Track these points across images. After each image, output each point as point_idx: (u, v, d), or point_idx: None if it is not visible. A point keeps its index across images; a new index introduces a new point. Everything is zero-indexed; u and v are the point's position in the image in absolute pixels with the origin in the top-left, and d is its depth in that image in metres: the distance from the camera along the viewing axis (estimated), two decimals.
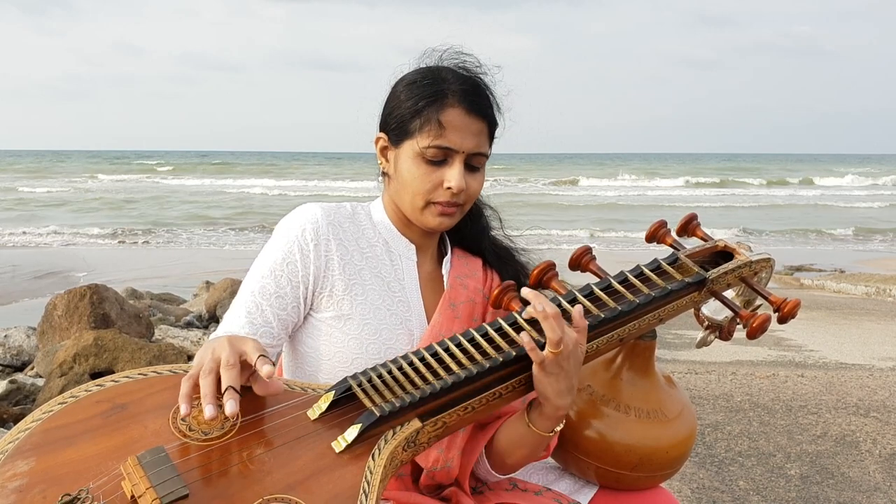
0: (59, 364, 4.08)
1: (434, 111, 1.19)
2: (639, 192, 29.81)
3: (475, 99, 1.22)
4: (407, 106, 1.22)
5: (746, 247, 1.25)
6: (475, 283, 1.33)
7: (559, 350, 1.04)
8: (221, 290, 6.76)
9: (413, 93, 1.22)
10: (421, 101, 1.20)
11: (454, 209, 1.24)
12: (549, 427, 1.16)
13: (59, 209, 21.28)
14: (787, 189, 31.97)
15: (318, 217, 1.24)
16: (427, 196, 1.22)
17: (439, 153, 1.20)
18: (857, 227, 17.78)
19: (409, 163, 1.21)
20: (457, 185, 1.20)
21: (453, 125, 1.19)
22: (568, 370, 1.07)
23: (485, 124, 1.23)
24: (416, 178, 1.21)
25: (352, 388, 1.05)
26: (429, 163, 1.20)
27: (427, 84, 1.22)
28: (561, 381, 1.07)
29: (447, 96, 1.20)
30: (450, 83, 1.21)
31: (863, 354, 5.44)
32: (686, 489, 2.95)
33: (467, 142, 1.20)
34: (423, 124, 1.19)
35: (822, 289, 9.24)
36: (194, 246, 14.37)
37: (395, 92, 1.26)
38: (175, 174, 40.55)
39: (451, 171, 1.20)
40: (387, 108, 1.27)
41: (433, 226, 1.25)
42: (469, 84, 1.23)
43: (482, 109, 1.22)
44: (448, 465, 1.23)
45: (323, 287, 1.23)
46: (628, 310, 1.13)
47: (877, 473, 3.15)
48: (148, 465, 0.88)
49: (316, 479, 0.93)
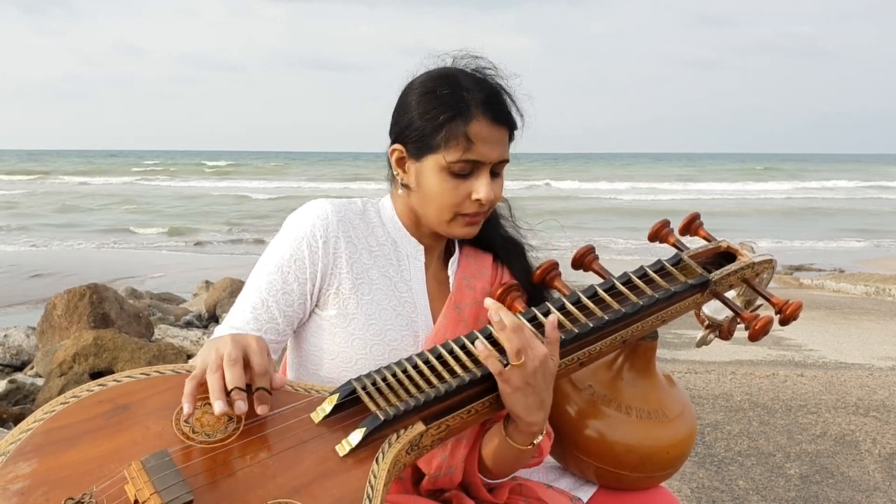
0: (59, 364, 4.08)
1: (460, 125, 1.16)
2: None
3: (498, 107, 1.20)
4: (428, 118, 1.18)
5: (749, 247, 1.25)
6: (483, 283, 1.32)
7: (520, 362, 1.01)
8: (221, 289, 6.76)
9: (433, 104, 1.18)
10: (443, 115, 1.17)
11: (480, 217, 1.24)
12: (525, 441, 1.13)
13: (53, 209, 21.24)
14: (787, 188, 31.97)
15: (328, 213, 1.23)
16: (455, 209, 1.20)
17: (467, 167, 1.18)
18: (857, 227, 17.79)
19: (436, 177, 1.19)
20: (486, 198, 1.19)
21: (481, 138, 1.17)
22: (536, 385, 1.03)
23: (507, 131, 1.22)
24: (445, 192, 1.19)
25: (356, 391, 1.04)
26: (456, 176, 1.18)
27: (447, 94, 1.18)
28: (529, 397, 1.04)
29: (471, 108, 1.17)
30: (471, 92, 1.18)
31: (862, 354, 5.44)
32: (686, 489, 2.95)
33: (494, 152, 1.19)
34: (450, 139, 1.16)
35: (822, 288, 9.25)
36: (194, 246, 14.36)
37: (409, 101, 1.22)
38: (172, 175, 40.48)
39: (478, 183, 1.18)
40: (402, 119, 1.23)
41: (462, 235, 1.25)
42: (490, 92, 1.20)
43: (505, 118, 1.20)
44: (451, 471, 1.22)
45: (330, 284, 1.22)
46: (632, 312, 1.13)
47: (876, 473, 3.15)
48: (152, 470, 0.88)
49: (320, 483, 0.93)
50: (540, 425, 1.09)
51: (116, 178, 37.53)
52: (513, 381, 1.02)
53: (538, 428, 1.10)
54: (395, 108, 1.25)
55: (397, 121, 1.24)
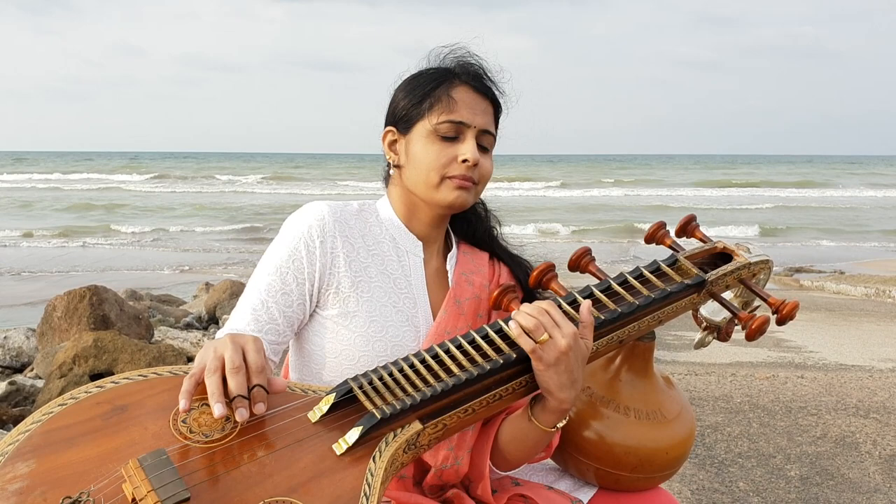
0: (59, 365, 4.08)
1: (444, 90, 1.24)
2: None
3: (481, 80, 1.28)
4: (414, 94, 1.26)
5: (745, 248, 1.25)
6: (481, 278, 1.34)
7: (545, 338, 1.05)
8: (221, 291, 6.76)
9: (419, 82, 1.27)
10: (429, 86, 1.25)
11: (470, 183, 1.25)
12: (551, 422, 1.16)
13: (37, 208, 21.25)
14: (788, 189, 31.98)
15: (324, 214, 1.25)
16: (442, 171, 1.23)
17: (452, 128, 1.23)
18: (858, 228, 17.79)
19: (423, 142, 1.24)
20: (472, 157, 1.22)
21: (464, 101, 1.24)
22: (568, 363, 1.07)
23: (491, 105, 1.28)
24: (431, 154, 1.23)
25: (352, 391, 1.05)
26: (442, 139, 1.23)
27: (433, 72, 1.27)
28: (562, 375, 1.07)
29: (454, 77, 1.26)
30: (454, 69, 1.28)
31: (862, 356, 5.44)
32: (686, 490, 2.95)
33: (478, 118, 1.25)
34: (434, 103, 1.24)
35: (822, 290, 9.25)
36: (194, 247, 14.37)
37: (398, 90, 1.30)
38: (177, 176, 40.52)
39: (464, 145, 1.24)
40: (392, 104, 1.31)
41: (451, 200, 1.25)
42: (473, 68, 1.29)
43: (488, 90, 1.28)
44: (458, 463, 1.24)
45: (329, 284, 1.23)
46: (628, 312, 1.14)
47: (876, 475, 3.15)
48: (149, 468, 0.88)
49: (317, 482, 0.93)
50: (570, 403, 1.12)
51: (118, 175, 37.62)
52: (545, 357, 1.05)
53: (568, 405, 1.12)
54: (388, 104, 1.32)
55: (389, 110, 1.31)
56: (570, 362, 1.07)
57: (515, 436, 1.22)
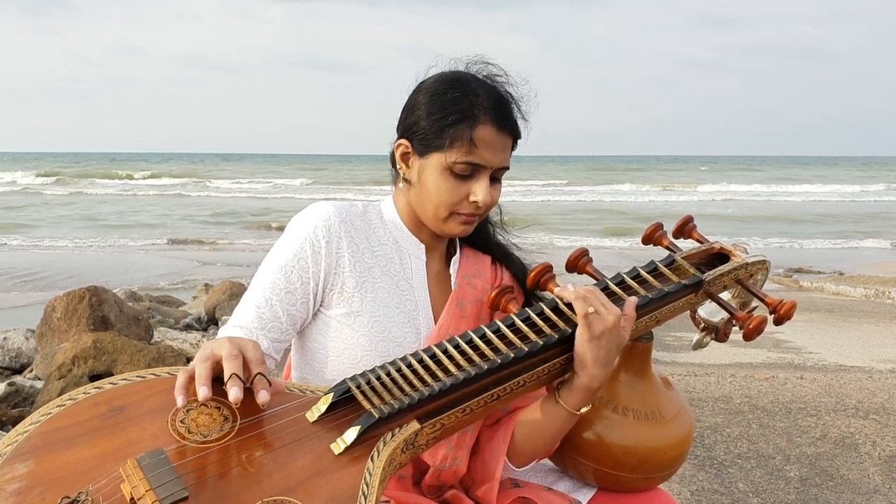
0: (58, 366, 4.08)
1: (466, 128, 1.19)
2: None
3: (505, 115, 1.23)
4: (436, 118, 1.21)
5: (742, 248, 1.26)
6: (483, 282, 1.35)
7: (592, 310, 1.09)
8: (220, 292, 6.76)
9: (441, 105, 1.22)
10: (451, 116, 1.20)
11: (476, 218, 1.27)
12: (578, 402, 1.17)
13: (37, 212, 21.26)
14: (789, 190, 31.99)
15: (330, 215, 1.26)
16: (452, 208, 1.24)
17: (468, 168, 1.21)
18: (858, 228, 17.79)
19: (437, 175, 1.22)
20: (483, 201, 1.22)
21: (485, 143, 1.20)
22: (608, 342, 1.10)
23: (511, 139, 1.25)
24: (444, 191, 1.22)
25: (350, 390, 1.05)
26: (456, 177, 1.22)
27: (457, 97, 1.21)
28: (601, 350, 1.10)
29: (478, 113, 1.20)
30: (479, 97, 1.21)
31: (862, 356, 5.44)
32: (685, 491, 2.95)
33: (497, 157, 1.22)
34: (455, 140, 1.20)
35: (822, 291, 9.25)
36: (194, 247, 14.37)
37: (419, 100, 1.25)
38: (173, 177, 40.52)
39: (477, 185, 1.22)
40: (410, 116, 1.26)
41: (457, 233, 1.28)
42: (499, 99, 1.23)
43: (511, 126, 1.24)
44: (456, 463, 1.25)
45: (333, 284, 1.24)
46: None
47: (876, 476, 3.15)
48: (147, 468, 0.88)
49: (315, 481, 0.93)
50: (600, 381, 1.14)
51: (118, 180, 37.59)
52: (594, 327, 1.09)
53: (597, 384, 1.14)
54: (404, 105, 1.29)
55: (405, 118, 1.27)
56: (611, 341, 1.10)
57: (534, 428, 1.23)
